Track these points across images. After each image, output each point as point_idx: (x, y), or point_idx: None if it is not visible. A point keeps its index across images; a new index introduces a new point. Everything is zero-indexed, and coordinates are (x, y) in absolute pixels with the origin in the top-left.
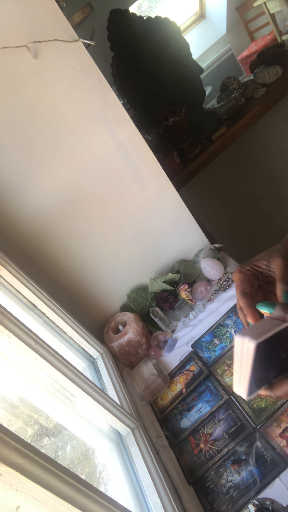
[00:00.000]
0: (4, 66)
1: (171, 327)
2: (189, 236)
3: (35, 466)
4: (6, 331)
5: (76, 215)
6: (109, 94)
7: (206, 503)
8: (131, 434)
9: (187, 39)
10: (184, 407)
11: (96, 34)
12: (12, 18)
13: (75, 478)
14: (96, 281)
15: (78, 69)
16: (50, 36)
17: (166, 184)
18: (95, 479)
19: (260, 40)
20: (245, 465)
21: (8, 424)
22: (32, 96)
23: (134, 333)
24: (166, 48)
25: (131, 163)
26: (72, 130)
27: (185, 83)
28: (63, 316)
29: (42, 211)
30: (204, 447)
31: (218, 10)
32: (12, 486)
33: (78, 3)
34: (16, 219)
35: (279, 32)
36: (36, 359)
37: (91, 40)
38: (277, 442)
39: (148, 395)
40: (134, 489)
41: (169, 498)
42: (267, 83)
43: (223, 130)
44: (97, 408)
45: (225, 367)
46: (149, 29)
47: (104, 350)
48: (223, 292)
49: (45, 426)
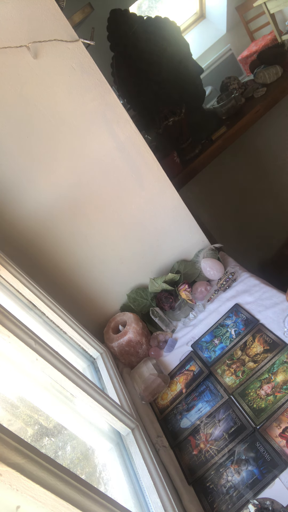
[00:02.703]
0: (4, 66)
1: (171, 327)
2: (189, 236)
3: (35, 466)
4: (6, 331)
5: (76, 215)
6: (109, 94)
7: (206, 503)
8: (131, 434)
9: (187, 39)
10: (184, 407)
11: (96, 34)
12: (12, 18)
13: (75, 478)
14: (96, 281)
15: (78, 69)
16: (50, 36)
17: (166, 184)
18: (95, 479)
19: (260, 40)
20: (245, 465)
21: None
22: (32, 96)
23: (134, 333)
24: (166, 48)
25: (131, 163)
26: (72, 130)
27: (185, 83)
28: (63, 316)
29: (42, 211)
30: (204, 447)
31: (218, 10)
32: (12, 486)
33: (78, 3)
34: (16, 219)
35: (279, 32)
36: (36, 359)
37: (91, 40)
38: (277, 442)
39: (148, 395)
40: (134, 489)
41: (169, 498)
42: (267, 83)
43: (223, 130)
44: (97, 408)
45: (225, 367)
46: (149, 29)
47: (104, 350)
48: (223, 292)
49: (45, 426)
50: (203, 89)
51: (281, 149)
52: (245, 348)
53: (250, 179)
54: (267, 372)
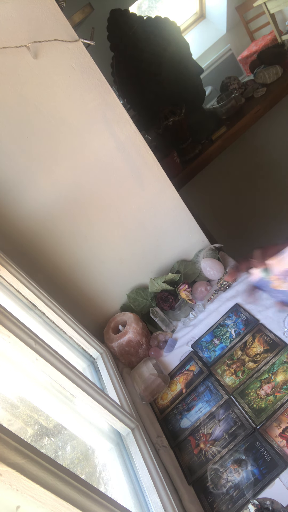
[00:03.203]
0: (4, 66)
1: (171, 327)
2: (189, 236)
3: (35, 466)
4: (6, 331)
5: (76, 215)
6: (109, 94)
7: (206, 503)
8: (131, 434)
9: (187, 39)
10: (184, 407)
11: (96, 34)
12: (12, 18)
13: (75, 478)
14: (96, 281)
15: (78, 69)
16: (50, 36)
17: (166, 184)
18: (95, 479)
19: (260, 40)
20: (245, 465)
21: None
22: (32, 96)
23: (134, 333)
24: (166, 48)
25: (131, 163)
26: (72, 130)
27: (185, 83)
28: (63, 316)
29: (42, 211)
30: (204, 447)
31: (218, 10)
32: (12, 486)
33: (78, 3)
34: (16, 219)
35: (279, 32)
36: (36, 359)
37: (91, 40)
38: (277, 442)
39: (148, 395)
40: (134, 489)
41: (169, 498)
42: (267, 83)
43: (223, 130)
44: (97, 408)
45: (225, 367)
46: (149, 29)
47: (104, 350)
48: (223, 292)
49: (45, 426)
50: (203, 89)
51: (281, 149)
52: (245, 348)
53: (250, 179)
54: (267, 372)
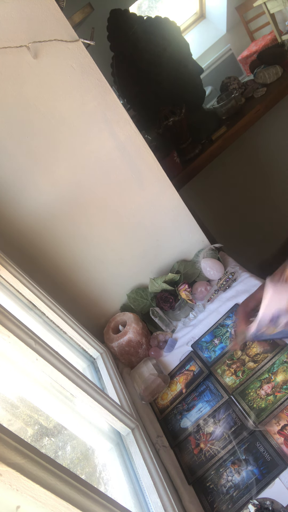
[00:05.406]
0: (4, 66)
1: (171, 327)
2: (189, 236)
3: (35, 466)
4: (6, 331)
5: (76, 215)
6: (109, 94)
7: (206, 503)
8: (131, 434)
9: (187, 39)
10: (184, 407)
11: (96, 34)
12: (12, 18)
13: (75, 478)
14: (96, 281)
15: (78, 69)
16: (50, 36)
17: (166, 184)
18: (95, 479)
19: (260, 40)
20: (245, 465)
21: (8, 424)
22: (32, 96)
23: (134, 333)
24: (166, 48)
25: (131, 163)
26: (72, 130)
27: (185, 83)
28: (63, 316)
29: (42, 211)
30: (204, 447)
31: (218, 10)
32: (12, 486)
33: (78, 3)
34: (16, 219)
35: (279, 32)
36: (36, 359)
37: (91, 40)
38: (275, 439)
39: (148, 395)
40: (134, 489)
41: (169, 498)
42: (267, 83)
43: (223, 130)
44: (97, 408)
45: (225, 367)
46: (149, 29)
47: (104, 350)
48: (223, 292)
49: (45, 426)
50: (203, 89)
51: (281, 149)
52: (245, 348)
53: (250, 179)
54: (267, 372)
